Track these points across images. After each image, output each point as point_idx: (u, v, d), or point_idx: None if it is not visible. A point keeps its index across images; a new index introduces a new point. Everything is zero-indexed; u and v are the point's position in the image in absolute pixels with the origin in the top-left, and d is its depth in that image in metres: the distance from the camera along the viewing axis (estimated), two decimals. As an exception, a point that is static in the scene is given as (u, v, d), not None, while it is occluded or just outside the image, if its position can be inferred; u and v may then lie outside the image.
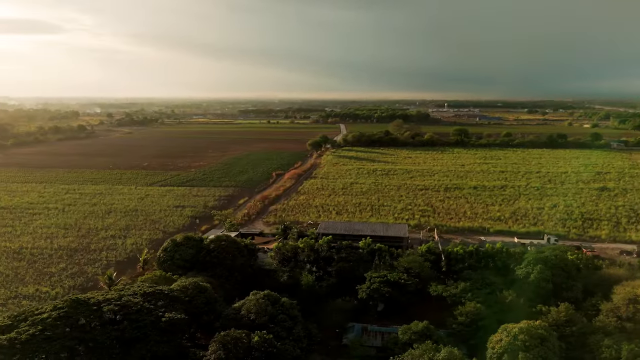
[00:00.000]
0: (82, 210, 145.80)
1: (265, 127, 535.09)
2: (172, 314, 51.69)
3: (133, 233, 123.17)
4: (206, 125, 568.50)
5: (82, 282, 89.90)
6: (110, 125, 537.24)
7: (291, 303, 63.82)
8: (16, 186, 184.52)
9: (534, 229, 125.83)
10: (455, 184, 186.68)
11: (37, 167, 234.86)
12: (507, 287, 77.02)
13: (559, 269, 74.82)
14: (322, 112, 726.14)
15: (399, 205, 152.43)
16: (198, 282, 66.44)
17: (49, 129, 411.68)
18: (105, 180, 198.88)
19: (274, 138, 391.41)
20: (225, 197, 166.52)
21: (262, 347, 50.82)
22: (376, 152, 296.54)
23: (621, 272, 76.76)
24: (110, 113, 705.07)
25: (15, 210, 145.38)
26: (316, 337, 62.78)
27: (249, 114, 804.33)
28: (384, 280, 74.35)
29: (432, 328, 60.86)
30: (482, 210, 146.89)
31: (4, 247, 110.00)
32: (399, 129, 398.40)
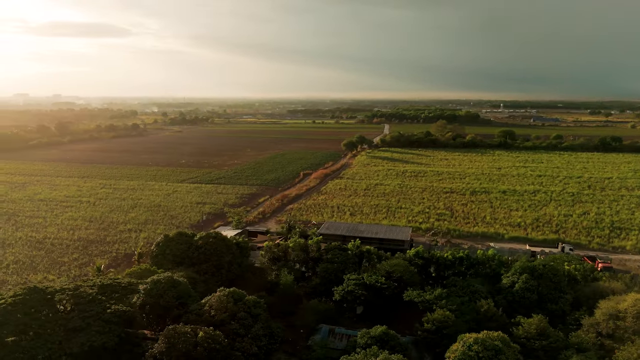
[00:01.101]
0: (110, 204, 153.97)
1: (309, 127, 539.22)
2: (120, 306, 54.04)
3: (149, 227, 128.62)
4: (253, 124, 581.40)
5: (87, 272, 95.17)
6: (163, 124, 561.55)
7: (255, 301, 64.50)
8: (60, 180, 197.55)
9: (553, 237, 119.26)
10: (484, 188, 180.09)
11: (84, 162, 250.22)
12: (492, 296, 73.92)
13: (547, 279, 70.59)
14: (369, 112, 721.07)
15: (417, 207, 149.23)
16: (172, 277, 68.55)
17: (105, 127, 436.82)
18: (141, 176, 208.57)
19: (313, 138, 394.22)
20: (247, 196, 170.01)
21: (205, 342, 51.88)
22: (413, 153, 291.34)
23: (616, 286, 71.18)
24: (165, 112, 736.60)
25: (51, 203, 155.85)
26: (278, 336, 63.01)
27: (297, 114, 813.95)
28: (359, 282, 73.42)
29: (391, 333, 59.42)
30: (503, 215, 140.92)
31: (29, 237, 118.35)
32: (441, 129, 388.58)
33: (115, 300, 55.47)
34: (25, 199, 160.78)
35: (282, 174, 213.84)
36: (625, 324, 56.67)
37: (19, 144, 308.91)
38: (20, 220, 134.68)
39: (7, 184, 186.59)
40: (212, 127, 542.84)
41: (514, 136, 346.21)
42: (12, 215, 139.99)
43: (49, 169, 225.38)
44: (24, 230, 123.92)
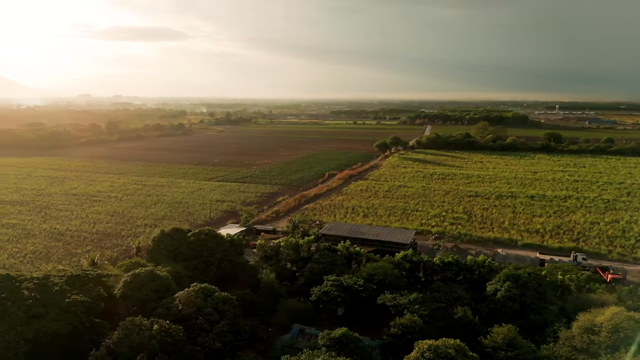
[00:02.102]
0: (135, 200, 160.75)
1: (348, 127, 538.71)
2: (79, 296, 56.53)
3: (165, 223, 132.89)
4: (294, 125, 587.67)
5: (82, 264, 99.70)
6: (209, 123, 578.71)
7: (225, 298, 65.41)
8: (97, 176, 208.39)
9: (570, 245, 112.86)
10: (512, 192, 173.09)
11: (125, 159, 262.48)
12: (476, 303, 71.26)
13: (531, 288, 66.96)
14: (413, 113, 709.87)
15: (434, 211, 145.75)
16: (152, 271, 70.91)
17: (152, 127, 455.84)
18: (172, 173, 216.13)
19: (349, 138, 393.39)
20: (267, 194, 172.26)
21: (159, 335, 53.32)
22: (448, 155, 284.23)
23: (608, 298, 66.34)
24: (213, 112, 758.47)
25: (82, 197, 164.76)
26: (245, 333, 63.58)
27: (341, 115, 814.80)
28: (337, 284, 72.76)
29: (351, 336, 58.38)
30: (523, 221, 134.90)
31: (52, 229, 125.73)
32: (482, 131, 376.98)
33: (78, 290, 58.17)
34: (60, 193, 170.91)
35: (308, 174, 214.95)
36: (600, 338, 52.88)
37: (69, 141, 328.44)
38: (50, 212, 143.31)
39: (48, 179, 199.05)
40: (254, 127, 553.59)
41: (559, 139, 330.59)
42: (44, 207, 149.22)
43: (91, 166, 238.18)
44: (50, 222, 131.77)
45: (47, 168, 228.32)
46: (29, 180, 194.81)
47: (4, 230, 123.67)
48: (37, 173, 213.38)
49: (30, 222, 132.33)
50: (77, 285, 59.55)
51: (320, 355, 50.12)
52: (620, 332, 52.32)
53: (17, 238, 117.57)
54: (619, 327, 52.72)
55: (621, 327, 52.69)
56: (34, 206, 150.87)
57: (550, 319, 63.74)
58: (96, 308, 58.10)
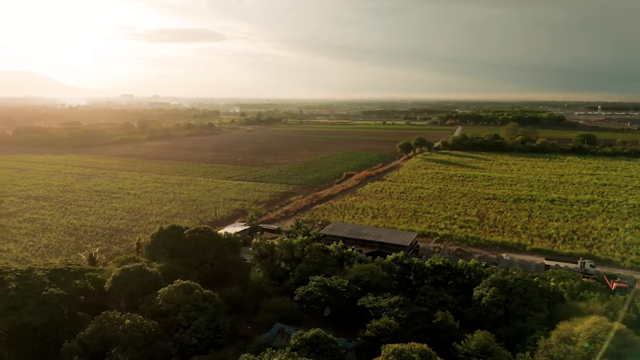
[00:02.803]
0: (152, 197, 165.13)
1: (376, 128, 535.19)
2: (57, 290, 58.59)
3: (175, 220, 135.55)
4: (322, 125, 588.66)
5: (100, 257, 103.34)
6: (239, 123, 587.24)
7: (205, 295, 66.42)
8: (121, 173, 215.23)
9: (582, 251, 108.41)
10: (532, 195, 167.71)
11: (151, 158, 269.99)
12: (462, 308, 69.70)
13: (517, 295, 64.73)
14: (445, 113, 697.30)
15: (445, 213, 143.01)
16: (141, 267, 72.82)
17: (182, 126, 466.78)
18: (193, 172, 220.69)
19: (374, 139, 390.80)
20: (281, 194, 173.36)
21: (129, 330, 54.74)
22: (473, 156, 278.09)
23: (597, 307, 63.15)
24: (244, 112, 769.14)
25: (103, 194, 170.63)
26: (224, 331, 64.36)
27: (371, 115, 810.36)
28: (321, 284, 72.55)
29: (323, 337, 58.10)
30: (537, 225, 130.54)
31: (69, 224, 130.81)
32: (511, 132, 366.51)
33: (59, 284, 60.41)
34: (84, 190, 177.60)
35: (325, 174, 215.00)
36: (576, 348, 50.58)
37: (102, 140, 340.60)
38: (71, 208, 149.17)
39: (76, 175, 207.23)
40: (283, 127, 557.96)
41: (594, 141, 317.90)
42: (66, 203, 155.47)
43: (118, 163, 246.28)
44: (68, 218, 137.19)
45: (77, 165, 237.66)
46: (57, 177, 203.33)
47: (24, 225, 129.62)
48: (67, 170, 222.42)
49: (50, 217, 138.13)
50: (59, 279, 61.90)
51: (277, 355, 50.15)
52: (597, 342, 49.95)
53: (34, 232, 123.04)
54: (597, 338, 50.36)
55: (599, 337, 50.31)
56: (56, 202, 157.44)
57: (536, 327, 61.47)
58: (76, 301, 60.16)
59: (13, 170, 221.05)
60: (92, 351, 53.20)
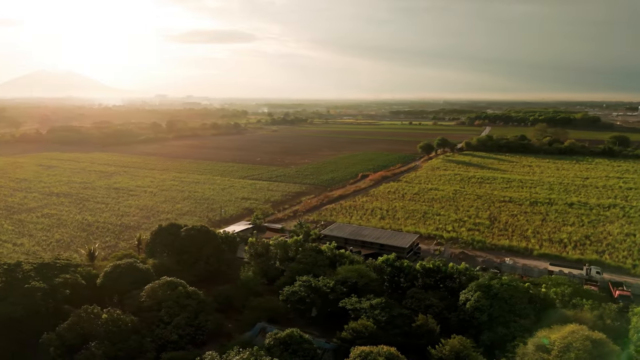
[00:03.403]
0: (167, 195, 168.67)
1: (401, 128, 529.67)
2: (40, 283, 60.60)
3: (185, 218, 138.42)
4: (347, 125, 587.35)
5: (105, 253, 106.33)
6: (265, 123, 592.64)
7: (188, 292, 67.42)
8: (142, 171, 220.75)
9: (592, 257, 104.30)
10: (551, 199, 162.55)
11: (174, 156, 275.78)
12: (448, 312, 68.36)
13: (501, 300, 62.87)
14: (474, 113, 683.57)
15: (455, 215, 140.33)
16: (132, 264, 74.64)
17: (209, 126, 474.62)
18: (211, 171, 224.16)
19: (397, 139, 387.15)
20: (293, 194, 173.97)
21: (105, 324, 56.16)
22: (496, 158, 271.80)
23: (585, 316, 60.43)
24: (271, 113, 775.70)
25: (121, 191, 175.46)
26: (206, 328, 65.18)
27: (399, 115, 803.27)
28: (306, 284, 72.46)
29: (297, 337, 58.07)
30: (549, 229, 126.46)
31: (83, 220, 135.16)
32: (539, 133, 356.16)
33: (42, 278, 62.54)
34: (104, 187, 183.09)
35: (341, 175, 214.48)
36: (549, 357, 48.73)
37: (129, 138, 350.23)
38: (88, 204, 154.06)
39: (98, 173, 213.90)
40: (308, 127, 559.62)
41: (626, 142, 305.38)
42: (84, 200, 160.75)
43: (140, 161, 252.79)
44: (84, 214, 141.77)
45: (101, 163, 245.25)
46: (81, 174, 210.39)
47: (41, 220, 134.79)
48: (91, 167, 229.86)
49: (67, 212, 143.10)
50: (44, 273, 64.15)
51: (243, 353, 50.41)
52: (572, 351, 47.95)
53: (49, 227, 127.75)
54: (571, 347, 48.37)
55: (573, 346, 48.31)
56: (76, 198, 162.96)
57: (519, 334, 59.59)
58: (60, 294, 62.17)
59: (41, 167, 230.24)
60: (70, 344, 54.87)
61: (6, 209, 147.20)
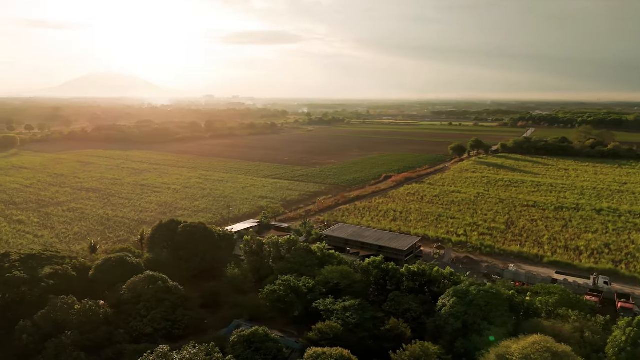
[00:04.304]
0: (188, 193, 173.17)
1: (440, 129, 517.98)
2: (21, 273, 63.67)
3: (199, 215, 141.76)
4: (385, 125, 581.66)
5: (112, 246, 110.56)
6: (302, 123, 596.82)
7: (168, 287, 68.93)
8: (172, 169, 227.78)
9: (607, 267, 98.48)
10: (578, 204, 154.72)
11: (205, 155, 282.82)
12: (427, 317, 66.61)
13: (477, 307, 60.38)
14: (518, 114, 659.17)
15: (470, 219, 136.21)
16: (122, 258, 77.30)
17: (246, 125, 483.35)
18: (237, 170, 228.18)
19: (432, 140, 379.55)
20: (310, 193, 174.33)
21: (77, 314, 58.49)
22: (532, 160, 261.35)
23: (562, 327, 56.78)
24: (310, 113, 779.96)
25: (146, 188, 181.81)
26: (182, 323, 66.51)
27: (441, 115, 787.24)
28: (285, 284, 72.48)
29: (262, 335, 58.11)
30: (568, 236, 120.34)
31: (104, 214, 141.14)
32: (583, 135, 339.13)
33: (27, 268, 65.87)
34: (132, 183, 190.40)
35: (364, 175, 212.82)
36: (507, 369, 46.43)
37: (167, 137, 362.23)
38: (112, 200, 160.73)
39: (129, 170, 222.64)
40: (345, 127, 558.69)
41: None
42: (110, 195, 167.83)
43: (172, 159, 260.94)
44: (106, 209, 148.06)
45: (135, 161, 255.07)
46: (114, 171, 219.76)
47: (66, 213, 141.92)
48: (125, 165, 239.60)
49: (91, 207, 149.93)
50: (29, 264, 67.62)
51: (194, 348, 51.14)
52: (529, 364, 45.46)
53: (71, 220, 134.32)
54: (530, 358, 45.88)
55: (532, 357, 45.79)
56: (103, 194, 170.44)
57: (492, 342, 57.11)
58: (42, 284, 65.28)
59: (79, 163, 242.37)
60: (45, 332, 57.58)
61: (37, 202, 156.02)
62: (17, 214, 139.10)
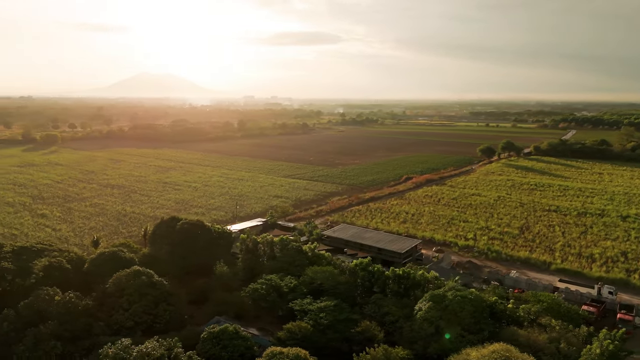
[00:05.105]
0: (207, 190, 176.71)
1: (476, 130, 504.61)
2: (9, 264, 66.67)
3: (212, 213, 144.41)
4: (419, 126, 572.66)
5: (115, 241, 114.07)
6: (335, 123, 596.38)
7: (151, 282, 70.42)
8: (197, 167, 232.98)
9: (618, 276, 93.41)
10: (604, 210, 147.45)
11: (232, 154, 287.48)
12: (405, 320, 65.39)
13: (451, 312, 58.52)
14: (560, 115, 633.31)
15: (484, 223, 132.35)
16: (115, 252, 79.88)
17: (278, 125, 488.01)
18: (260, 169, 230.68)
19: (464, 141, 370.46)
20: (325, 194, 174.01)
21: (56, 305, 60.93)
22: (565, 163, 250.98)
23: (536, 337, 53.88)
24: (344, 113, 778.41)
25: (168, 185, 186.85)
26: (163, 317, 68.02)
27: (480, 116, 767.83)
28: (267, 283, 72.78)
29: (230, 332, 58.42)
30: (584, 243, 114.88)
31: (122, 210, 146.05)
32: (625, 138, 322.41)
33: (16, 260, 69.11)
34: (155, 181, 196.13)
35: (384, 176, 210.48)
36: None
37: (199, 136, 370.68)
38: (134, 197, 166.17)
39: (156, 168, 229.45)
40: (377, 127, 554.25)
41: None
42: (132, 192, 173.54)
43: (199, 158, 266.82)
44: (125, 205, 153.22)
45: (164, 159, 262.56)
46: (141, 169, 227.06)
47: (87, 209, 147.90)
48: (153, 163, 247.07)
49: (111, 203, 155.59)
50: (20, 256, 70.98)
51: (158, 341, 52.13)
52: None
53: (90, 215, 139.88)
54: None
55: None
56: (126, 190, 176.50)
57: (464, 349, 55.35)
58: (33, 275, 68.44)
59: (110, 161, 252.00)
60: (26, 320, 60.35)
61: (63, 197, 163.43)
62: (41, 208, 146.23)
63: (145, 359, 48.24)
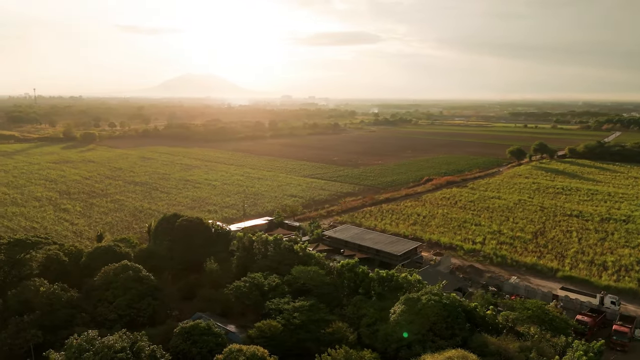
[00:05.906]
0: (225, 189, 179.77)
1: (513, 131, 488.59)
2: (1, 256, 70.07)
3: (225, 210, 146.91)
4: (453, 127, 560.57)
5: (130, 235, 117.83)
6: (367, 124, 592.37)
7: (138, 277, 72.21)
8: (221, 166, 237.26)
9: (629, 286, 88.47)
10: (630, 216, 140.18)
11: (259, 153, 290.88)
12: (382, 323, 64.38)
13: (424, 317, 56.95)
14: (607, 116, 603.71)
15: (495, 227, 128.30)
16: (111, 247, 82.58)
17: (309, 125, 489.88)
18: (281, 168, 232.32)
19: (496, 142, 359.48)
20: (340, 194, 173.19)
21: (40, 296, 63.65)
22: (600, 167, 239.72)
23: (509, 344, 51.46)
24: (378, 113, 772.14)
25: (189, 183, 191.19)
26: (146, 311, 69.76)
27: (519, 117, 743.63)
28: (250, 281, 73.23)
29: (202, 328, 59.28)
30: (600, 250, 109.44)
31: (139, 206, 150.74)
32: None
33: (9, 252, 72.47)
34: (178, 179, 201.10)
35: (404, 177, 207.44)
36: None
37: (230, 136, 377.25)
38: (154, 194, 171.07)
39: (181, 166, 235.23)
40: (410, 128, 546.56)
41: None
42: (153, 189, 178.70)
43: (225, 157, 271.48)
44: (144, 202, 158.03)
45: (191, 157, 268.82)
46: (167, 167, 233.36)
47: (107, 204, 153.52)
48: (180, 161, 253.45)
49: (131, 199, 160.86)
50: (14, 248, 74.47)
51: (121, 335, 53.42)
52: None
53: (109, 211, 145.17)
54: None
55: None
56: (148, 187, 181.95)
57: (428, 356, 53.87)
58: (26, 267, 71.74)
59: (140, 158, 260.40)
60: (14, 309, 63.43)
61: (88, 193, 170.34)
62: (65, 203, 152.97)
63: (106, 351, 49.56)
